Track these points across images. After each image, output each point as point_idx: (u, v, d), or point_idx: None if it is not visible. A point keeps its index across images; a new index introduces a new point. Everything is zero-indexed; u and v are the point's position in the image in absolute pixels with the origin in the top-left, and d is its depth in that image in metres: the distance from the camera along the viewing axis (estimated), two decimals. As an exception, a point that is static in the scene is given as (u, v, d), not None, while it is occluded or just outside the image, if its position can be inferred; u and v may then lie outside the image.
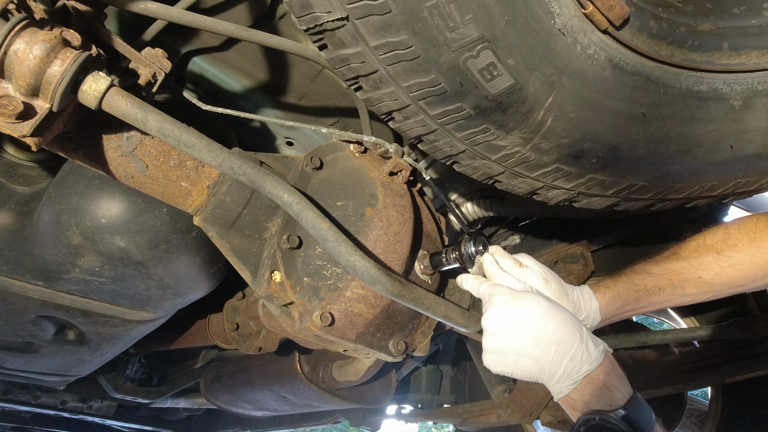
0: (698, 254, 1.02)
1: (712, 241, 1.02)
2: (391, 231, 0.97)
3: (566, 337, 0.82)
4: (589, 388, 0.81)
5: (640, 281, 1.05)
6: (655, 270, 1.05)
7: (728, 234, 1.01)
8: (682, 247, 1.06)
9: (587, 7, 0.74)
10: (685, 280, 1.02)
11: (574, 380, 0.81)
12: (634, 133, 0.87)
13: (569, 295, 1.01)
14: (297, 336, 1.08)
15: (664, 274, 1.04)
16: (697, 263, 1.01)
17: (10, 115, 0.68)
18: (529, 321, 0.84)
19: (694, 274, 1.01)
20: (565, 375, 0.81)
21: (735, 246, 0.99)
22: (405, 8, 0.72)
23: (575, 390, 0.81)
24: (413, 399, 2.90)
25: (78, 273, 1.23)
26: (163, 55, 0.95)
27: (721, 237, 1.01)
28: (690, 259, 1.03)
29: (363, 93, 0.88)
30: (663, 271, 1.04)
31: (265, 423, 2.81)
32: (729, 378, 1.53)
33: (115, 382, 2.24)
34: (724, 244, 1.00)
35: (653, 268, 1.06)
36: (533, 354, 0.83)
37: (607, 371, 0.82)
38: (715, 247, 1.01)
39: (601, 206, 1.04)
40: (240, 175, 0.82)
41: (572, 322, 0.85)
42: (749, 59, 0.83)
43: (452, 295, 1.11)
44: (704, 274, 1.00)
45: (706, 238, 1.04)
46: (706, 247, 1.02)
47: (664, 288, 1.04)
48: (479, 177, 1.00)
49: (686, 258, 1.03)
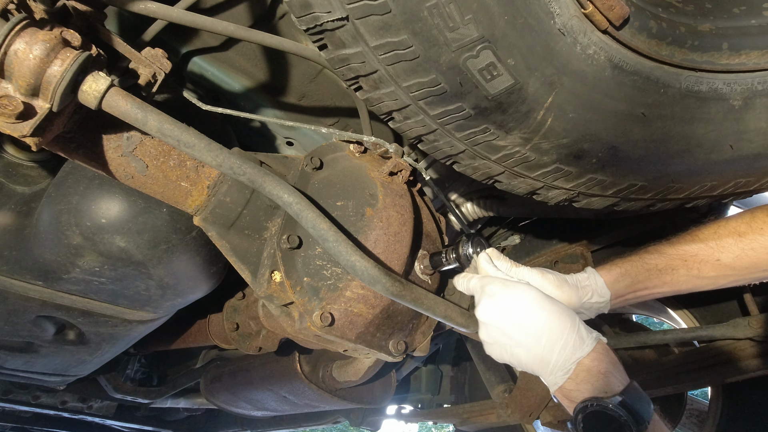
0: (718, 236, 0.97)
1: (735, 224, 0.96)
2: (391, 231, 0.97)
3: (557, 325, 0.82)
4: (583, 376, 0.80)
5: (651, 260, 1.01)
6: (669, 250, 1.00)
7: (754, 217, 0.95)
8: (701, 229, 1.00)
9: (587, 7, 0.74)
10: (702, 262, 0.97)
11: (567, 369, 0.80)
12: (634, 133, 0.87)
13: (568, 280, 1.00)
14: (297, 336, 1.08)
15: (678, 254, 0.99)
16: (715, 245, 0.96)
17: (10, 115, 0.68)
18: (519, 309, 0.85)
19: (713, 257, 0.96)
20: (558, 364, 0.81)
21: (761, 229, 0.93)
22: (405, 8, 0.72)
23: (570, 380, 0.81)
24: (413, 399, 2.90)
25: (78, 273, 1.23)
26: (163, 55, 0.96)
27: (746, 220, 0.96)
28: (708, 240, 0.97)
29: (363, 93, 0.88)
30: (677, 252, 0.99)
31: (265, 423, 2.81)
32: (729, 378, 1.53)
33: (115, 382, 2.24)
34: (749, 227, 0.95)
35: (667, 248, 1.01)
36: (525, 343, 0.83)
37: (600, 358, 0.81)
38: (738, 229, 0.95)
39: (601, 206, 1.04)
40: (240, 175, 0.82)
41: (563, 310, 0.85)
42: (749, 59, 0.83)
43: (452, 295, 1.11)
44: (723, 257, 0.95)
45: (729, 221, 0.98)
46: (727, 230, 0.96)
47: (677, 268, 0.99)
48: (479, 177, 1.00)
49: (704, 240, 0.98)
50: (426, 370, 2.92)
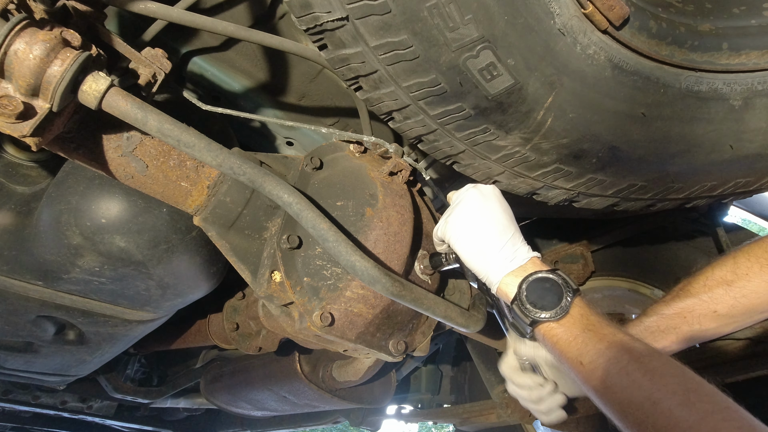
0: (708, 288, 0.99)
1: (721, 273, 0.99)
2: (391, 231, 0.97)
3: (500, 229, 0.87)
4: None
5: (652, 324, 1.03)
6: (666, 311, 1.03)
7: (737, 264, 0.98)
8: (691, 283, 1.03)
9: (587, 7, 0.74)
10: (700, 316, 0.99)
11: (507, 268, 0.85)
12: (634, 133, 0.87)
13: None
14: (297, 336, 1.08)
15: (676, 313, 1.02)
16: (708, 298, 0.98)
17: (10, 115, 0.68)
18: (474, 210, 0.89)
19: (709, 309, 0.98)
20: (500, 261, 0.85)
21: (746, 275, 0.96)
22: (405, 8, 0.72)
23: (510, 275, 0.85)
24: (413, 399, 2.89)
25: (78, 273, 1.23)
26: (163, 55, 0.95)
27: (729, 268, 0.98)
28: (700, 294, 1.00)
29: (363, 93, 0.88)
30: (674, 311, 1.02)
31: (265, 423, 2.80)
32: (729, 378, 1.53)
33: (115, 382, 2.24)
34: (734, 275, 0.97)
35: (663, 309, 1.03)
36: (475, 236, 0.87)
37: (536, 263, 0.86)
38: (725, 278, 0.98)
39: (601, 206, 1.04)
40: (240, 175, 0.82)
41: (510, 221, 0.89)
42: (749, 59, 0.83)
43: (452, 295, 1.11)
44: (719, 308, 0.97)
45: (714, 270, 1.00)
46: (715, 281, 0.99)
47: (679, 326, 1.01)
48: (479, 177, 0.99)
49: (696, 294, 1.00)
50: (426, 370, 2.92)
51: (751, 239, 1.02)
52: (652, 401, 0.67)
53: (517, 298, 0.83)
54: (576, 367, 0.77)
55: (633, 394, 0.69)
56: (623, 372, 0.71)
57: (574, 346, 0.78)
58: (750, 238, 1.79)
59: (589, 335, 0.77)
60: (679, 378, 0.70)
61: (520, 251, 0.86)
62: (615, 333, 0.77)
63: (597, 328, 0.78)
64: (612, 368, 0.72)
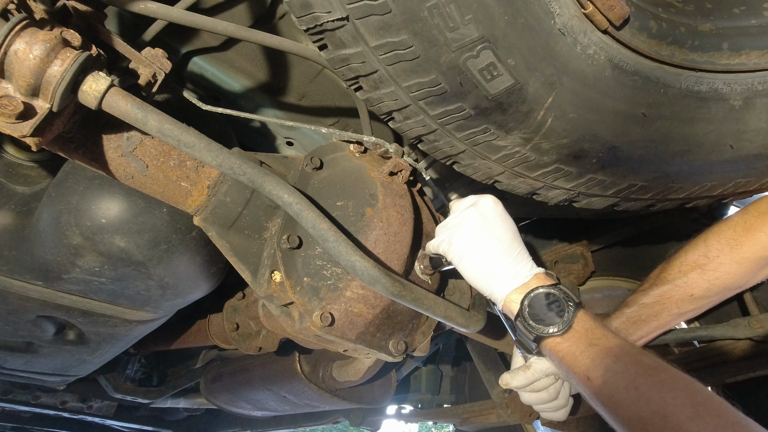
0: (682, 273, 1.02)
1: (693, 257, 1.01)
2: (391, 231, 0.97)
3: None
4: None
5: (633, 314, 1.07)
6: (645, 299, 1.06)
7: (708, 247, 1.00)
8: (666, 270, 1.06)
9: (587, 7, 0.74)
10: (678, 300, 1.03)
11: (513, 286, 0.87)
12: (634, 133, 0.87)
13: None
14: (297, 336, 1.08)
15: (655, 301, 1.05)
16: (683, 283, 1.02)
17: (10, 115, 0.68)
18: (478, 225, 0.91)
19: (685, 294, 1.02)
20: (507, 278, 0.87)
21: (717, 258, 0.98)
22: (405, 8, 0.72)
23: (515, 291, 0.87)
24: (413, 399, 2.89)
25: (78, 273, 1.23)
26: (163, 55, 0.95)
27: (701, 251, 1.01)
28: (676, 280, 1.03)
29: (363, 93, 0.88)
30: (653, 299, 1.05)
31: (265, 423, 2.80)
32: (729, 378, 1.53)
33: (115, 382, 2.24)
34: (706, 258, 0.99)
35: (642, 298, 1.07)
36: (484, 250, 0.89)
37: (540, 279, 0.88)
38: (698, 262, 1.00)
39: (601, 206, 1.04)
40: (240, 175, 0.82)
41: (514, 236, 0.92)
42: (749, 59, 0.83)
43: (452, 295, 1.11)
44: (695, 291, 1.01)
45: (687, 255, 1.03)
46: (688, 265, 1.02)
47: (660, 313, 1.05)
48: (479, 177, 0.99)
49: (672, 280, 1.03)
50: (426, 370, 2.92)
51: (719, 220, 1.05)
52: (662, 416, 0.67)
53: (520, 315, 0.83)
54: (584, 382, 0.77)
55: (642, 408, 0.69)
56: (632, 386, 0.71)
57: (581, 361, 0.77)
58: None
59: (595, 350, 0.77)
60: (688, 391, 0.69)
61: (523, 268, 0.87)
62: (621, 345, 0.76)
63: (603, 341, 0.78)
64: (620, 383, 0.72)
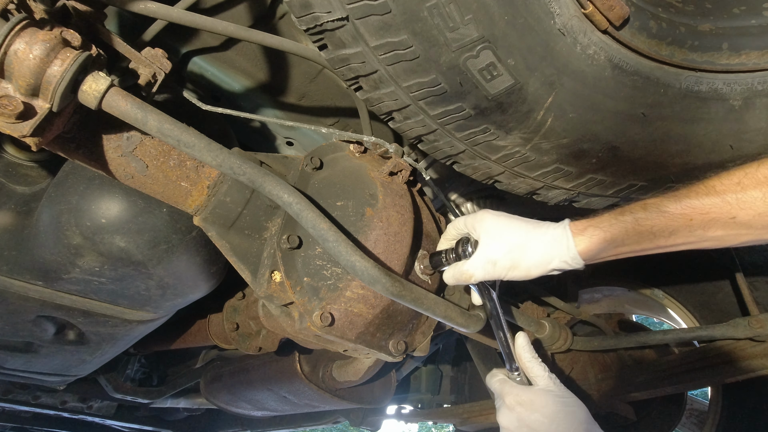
0: (741, 188, 0.78)
1: (766, 171, 0.77)
2: (391, 231, 0.97)
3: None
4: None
5: (646, 222, 0.85)
6: (673, 208, 0.82)
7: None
8: (721, 178, 0.80)
9: (587, 7, 0.74)
10: (712, 220, 0.80)
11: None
12: (634, 133, 0.87)
13: (535, 240, 0.92)
14: (297, 336, 1.08)
15: (682, 214, 0.82)
16: (735, 200, 0.78)
17: (10, 115, 0.68)
18: (535, 421, 0.88)
19: (727, 214, 0.79)
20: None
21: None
22: (405, 8, 0.72)
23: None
24: (413, 399, 2.90)
25: (78, 273, 1.23)
26: (163, 55, 0.95)
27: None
28: (727, 194, 0.78)
29: (363, 93, 0.88)
30: (683, 210, 0.82)
31: (265, 423, 2.81)
32: (729, 378, 1.53)
33: (115, 382, 2.24)
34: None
35: (671, 205, 0.83)
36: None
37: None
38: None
39: (601, 206, 1.04)
40: (240, 175, 0.82)
41: None
42: (749, 59, 0.83)
43: (452, 295, 1.11)
44: (741, 214, 0.78)
45: (760, 167, 0.77)
46: (755, 180, 0.77)
47: (677, 230, 0.83)
48: (479, 177, 1.00)
49: (722, 193, 0.79)
50: (426, 370, 2.92)
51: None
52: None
53: None
54: None
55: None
56: None
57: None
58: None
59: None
60: None
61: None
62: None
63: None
64: None
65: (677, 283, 1.93)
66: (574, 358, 1.81)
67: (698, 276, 1.85)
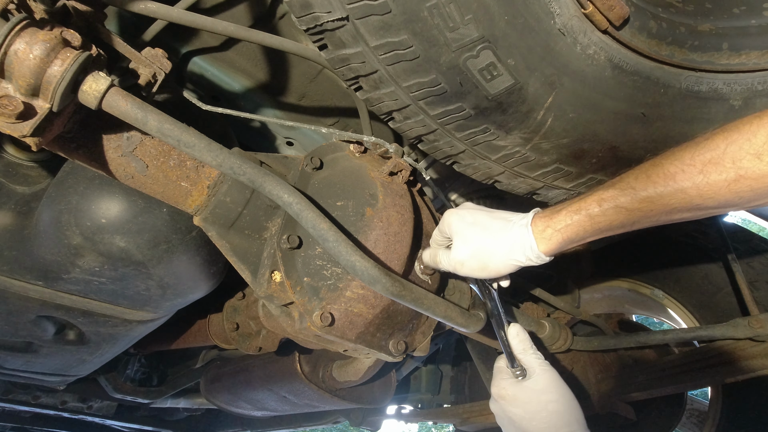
0: (703, 175, 0.67)
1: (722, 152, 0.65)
2: (391, 231, 0.97)
3: None
4: None
5: (602, 219, 0.78)
6: (629, 205, 0.74)
7: None
8: (680, 163, 0.70)
9: (587, 7, 0.74)
10: (674, 209, 0.73)
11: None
12: (634, 133, 0.87)
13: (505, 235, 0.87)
14: (297, 336, 1.08)
15: (640, 208, 0.74)
16: (695, 187, 0.69)
17: (10, 115, 0.68)
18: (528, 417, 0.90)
19: (690, 203, 0.71)
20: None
21: None
22: (405, 8, 0.72)
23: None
24: (413, 399, 2.90)
25: (78, 273, 1.23)
26: (163, 55, 0.95)
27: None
28: (685, 182, 0.69)
29: (363, 93, 0.88)
30: (640, 206, 0.74)
31: (265, 423, 2.81)
32: (729, 378, 1.53)
33: (115, 382, 2.24)
34: None
35: (627, 202, 0.74)
36: None
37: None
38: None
39: (601, 206, 1.04)
40: (240, 175, 0.82)
41: None
42: (749, 59, 0.83)
43: (452, 295, 1.11)
44: (707, 203, 0.70)
45: (723, 149, 0.65)
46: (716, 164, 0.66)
47: (637, 221, 0.76)
48: (479, 177, 1.00)
49: (682, 182, 0.69)
50: (426, 370, 2.92)
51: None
52: None
53: None
54: None
55: None
56: None
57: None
58: (750, 238, 1.79)
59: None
60: None
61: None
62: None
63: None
64: None
65: (677, 283, 1.93)
66: (574, 358, 1.82)
67: (698, 276, 1.85)
